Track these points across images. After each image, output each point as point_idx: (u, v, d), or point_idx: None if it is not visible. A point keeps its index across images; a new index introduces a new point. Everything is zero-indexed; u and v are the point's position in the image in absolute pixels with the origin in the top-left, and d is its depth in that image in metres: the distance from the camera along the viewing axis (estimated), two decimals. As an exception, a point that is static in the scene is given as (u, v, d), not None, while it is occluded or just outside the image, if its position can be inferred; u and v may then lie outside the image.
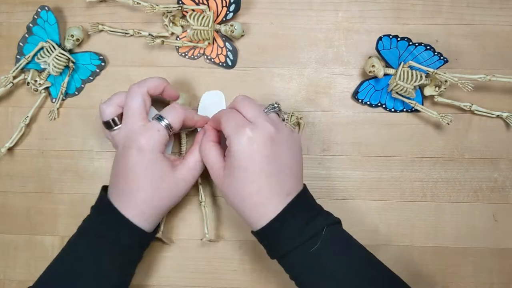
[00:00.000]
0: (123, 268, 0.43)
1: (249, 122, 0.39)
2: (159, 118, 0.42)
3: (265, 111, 0.42)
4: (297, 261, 0.38)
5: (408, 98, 0.49)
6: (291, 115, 0.49)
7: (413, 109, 0.49)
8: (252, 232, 0.41)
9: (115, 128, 0.43)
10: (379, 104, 0.50)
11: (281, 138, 0.39)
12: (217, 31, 0.50)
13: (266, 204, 0.38)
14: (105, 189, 0.44)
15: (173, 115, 0.43)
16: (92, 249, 0.41)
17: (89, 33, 0.51)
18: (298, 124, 0.49)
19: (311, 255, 0.37)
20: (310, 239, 0.37)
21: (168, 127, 0.42)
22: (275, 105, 0.43)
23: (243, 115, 0.40)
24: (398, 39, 0.48)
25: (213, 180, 0.42)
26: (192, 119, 0.45)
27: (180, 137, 0.48)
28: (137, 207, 0.41)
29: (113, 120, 0.43)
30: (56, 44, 0.50)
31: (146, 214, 0.42)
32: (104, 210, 0.42)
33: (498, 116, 0.49)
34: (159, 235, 0.47)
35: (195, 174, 0.44)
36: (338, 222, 0.41)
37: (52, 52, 0.49)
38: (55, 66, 0.49)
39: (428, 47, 0.48)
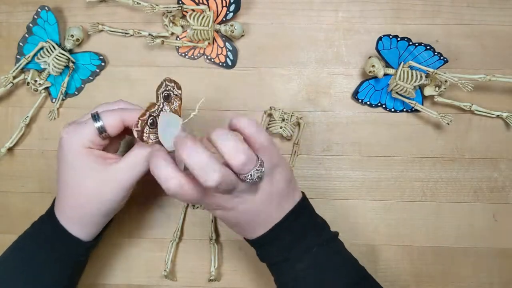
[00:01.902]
0: (56, 277, 0.40)
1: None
2: (95, 116, 0.37)
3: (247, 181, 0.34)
4: (283, 272, 0.39)
5: (408, 98, 0.49)
6: (291, 115, 0.49)
7: (413, 109, 0.49)
8: (244, 238, 0.41)
9: None
10: (379, 104, 0.50)
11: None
12: (217, 31, 0.50)
13: (256, 226, 0.38)
14: None
15: (109, 118, 0.37)
16: (25, 253, 0.40)
17: (89, 33, 0.51)
18: (298, 124, 0.49)
19: (296, 272, 0.38)
20: (297, 257, 0.37)
21: (101, 129, 0.37)
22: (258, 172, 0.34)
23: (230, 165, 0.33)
24: (398, 39, 0.48)
25: None
26: (133, 120, 0.37)
27: None
28: (65, 212, 0.39)
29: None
30: (56, 44, 0.50)
31: (74, 219, 0.39)
32: (45, 215, 0.42)
33: (498, 116, 0.49)
34: (164, 274, 0.47)
35: (132, 175, 0.38)
36: (332, 238, 0.40)
37: (52, 52, 0.49)
38: (55, 66, 0.49)
39: (428, 47, 0.48)
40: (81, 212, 0.39)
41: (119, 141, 0.43)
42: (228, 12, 0.49)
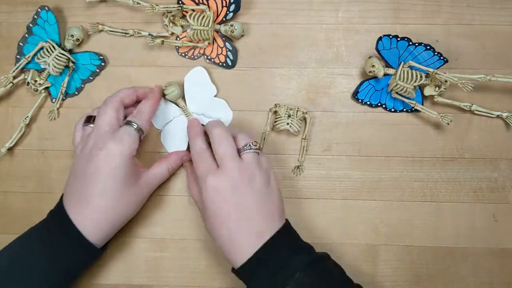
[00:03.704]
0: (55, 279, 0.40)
1: (216, 167, 0.41)
2: (128, 122, 0.43)
3: (243, 151, 0.42)
4: None
5: (408, 98, 0.49)
6: (297, 110, 0.49)
7: (413, 109, 0.49)
8: (232, 269, 0.41)
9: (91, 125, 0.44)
10: (379, 104, 0.50)
11: (245, 184, 0.39)
12: (217, 31, 0.50)
13: (238, 245, 0.39)
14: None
15: (141, 118, 0.44)
16: (25, 250, 0.40)
17: (89, 33, 0.51)
18: (305, 119, 0.49)
19: None
20: (281, 285, 0.37)
21: (139, 130, 0.43)
22: (252, 145, 0.42)
23: (214, 151, 0.41)
24: (398, 39, 0.48)
25: None
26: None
27: None
28: (93, 215, 0.40)
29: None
30: (56, 44, 0.50)
31: (101, 223, 0.41)
32: (55, 216, 0.42)
33: (498, 116, 0.49)
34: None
35: (154, 184, 0.45)
36: (316, 260, 0.39)
37: (52, 52, 0.49)
38: (55, 66, 0.49)
39: (428, 47, 0.48)
40: (112, 217, 0.41)
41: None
42: (228, 12, 0.49)
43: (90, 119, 0.45)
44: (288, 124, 0.48)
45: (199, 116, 0.49)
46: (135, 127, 0.42)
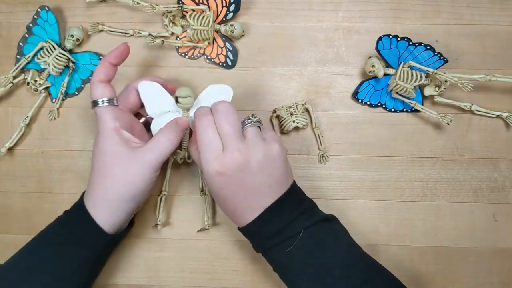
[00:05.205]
0: (78, 267, 0.41)
1: (221, 147, 0.39)
2: (94, 102, 0.42)
3: (243, 126, 0.40)
4: (275, 258, 0.41)
5: (408, 98, 0.49)
6: (297, 105, 0.49)
7: (413, 109, 0.49)
8: (238, 228, 0.42)
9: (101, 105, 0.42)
10: (379, 104, 0.50)
11: (252, 164, 0.39)
12: (217, 31, 0.50)
13: (241, 215, 0.40)
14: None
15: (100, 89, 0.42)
16: (49, 243, 0.41)
17: (89, 33, 0.51)
18: (307, 110, 0.49)
19: (287, 254, 0.39)
20: (285, 241, 0.39)
21: (109, 101, 0.41)
22: (252, 118, 0.41)
23: (218, 130, 0.39)
24: (398, 39, 0.48)
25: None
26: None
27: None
28: (92, 197, 0.41)
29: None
30: (56, 44, 0.50)
31: (100, 204, 0.40)
32: (74, 209, 0.42)
33: (498, 116, 0.49)
34: (157, 225, 0.47)
35: (159, 156, 0.41)
36: (322, 220, 0.41)
37: (52, 52, 0.49)
38: (55, 66, 0.49)
39: (428, 47, 0.48)
40: (107, 196, 0.40)
41: (141, 124, 0.46)
42: (228, 12, 0.49)
43: None
44: (294, 121, 0.48)
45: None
46: (103, 104, 0.41)
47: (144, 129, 0.46)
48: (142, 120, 0.47)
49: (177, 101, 0.43)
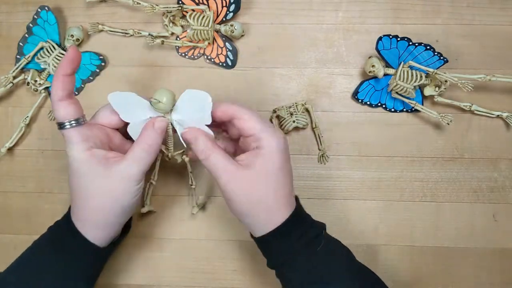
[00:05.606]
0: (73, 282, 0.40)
1: (233, 167, 0.38)
2: (60, 125, 0.39)
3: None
4: (303, 262, 0.38)
5: (408, 98, 0.49)
6: (297, 105, 0.49)
7: (413, 109, 0.49)
8: (255, 238, 0.40)
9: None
10: (379, 104, 0.50)
11: (263, 177, 0.38)
12: (217, 31, 0.50)
13: (276, 210, 0.38)
14: None
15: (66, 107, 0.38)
16: (41, 260, 0.39)
17: (89, 33, 0.51)
18: (307, 109, 0.49)
19: (317, 254, 0.38)
20: (315, 239, 0.39)
21: (76, 121, 0.38)
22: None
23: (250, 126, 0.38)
24: (398, 39, 0.48)
25: (220, 185, 0.38)
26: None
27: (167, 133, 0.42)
28: (79, 217, 0.39)
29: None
30: (56, 44, 0.50)
31: (89, 223, 0.39)
32: (62, 221, 0.41)
33: (498, 116, 0.49)
34: (144, 209, 0.47)
35: (140, 168, 0.38)
36: (324, 228, 0.41)
37: (52, 52, 0.49)
38: (55, 66, 0.49)
39: (428, 47, 0.48)
40: (94, 217, 0.39)
41: (119, 134, 0.42)
42: (228, 12, 0.49)
43: None
44: (294, 121, 0.48)
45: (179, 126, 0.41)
46: (71, 126, 0.38)
47: (123, 138, 0.43)
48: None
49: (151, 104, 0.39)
